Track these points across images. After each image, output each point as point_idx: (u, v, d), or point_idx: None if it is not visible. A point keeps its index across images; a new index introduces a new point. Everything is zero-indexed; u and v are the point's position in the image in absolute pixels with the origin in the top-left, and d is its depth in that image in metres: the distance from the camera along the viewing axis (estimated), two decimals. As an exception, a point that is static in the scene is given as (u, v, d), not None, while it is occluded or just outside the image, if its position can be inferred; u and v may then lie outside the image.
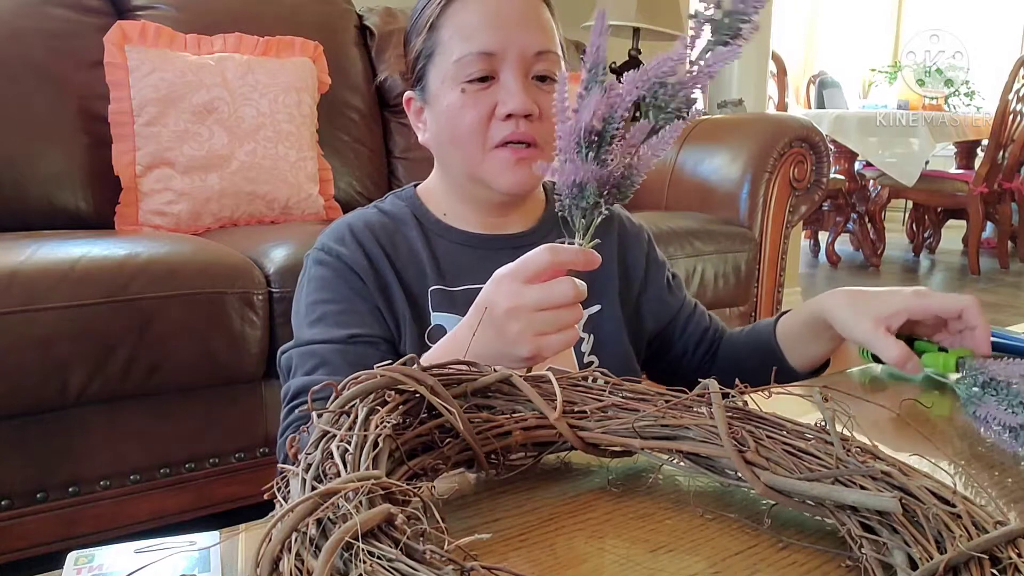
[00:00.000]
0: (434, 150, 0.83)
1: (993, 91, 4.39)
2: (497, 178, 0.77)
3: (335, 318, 0.77)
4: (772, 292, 2.10)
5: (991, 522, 0.39)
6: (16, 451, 1.14)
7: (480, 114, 0.76)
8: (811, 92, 5.37)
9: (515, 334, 0.58)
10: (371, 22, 2.10)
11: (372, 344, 0.76)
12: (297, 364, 0.76)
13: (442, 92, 0.77)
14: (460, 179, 0.82)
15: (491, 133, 0.76)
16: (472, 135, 0.76)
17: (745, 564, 0.43)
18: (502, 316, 0.58)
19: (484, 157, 0.77)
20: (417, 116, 0.83)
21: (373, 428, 0.41)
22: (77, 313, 1.11)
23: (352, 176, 1.97)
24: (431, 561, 0.31)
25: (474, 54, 0.75)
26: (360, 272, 0.78)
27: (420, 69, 0.80)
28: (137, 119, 1.59)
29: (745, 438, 0.47)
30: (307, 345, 0.76)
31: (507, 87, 0.75)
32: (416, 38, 0.80)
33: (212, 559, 0.43)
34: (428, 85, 0.79)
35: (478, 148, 0.77)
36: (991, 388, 0.68)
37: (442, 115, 0.78)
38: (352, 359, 0.74)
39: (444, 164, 0.83)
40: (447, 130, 0.78)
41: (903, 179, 4.16)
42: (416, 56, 0.80)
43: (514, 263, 0.59)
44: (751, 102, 2.77)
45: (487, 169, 0.77)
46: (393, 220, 0.83)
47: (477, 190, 0.81)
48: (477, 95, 0.76)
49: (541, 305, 0.58)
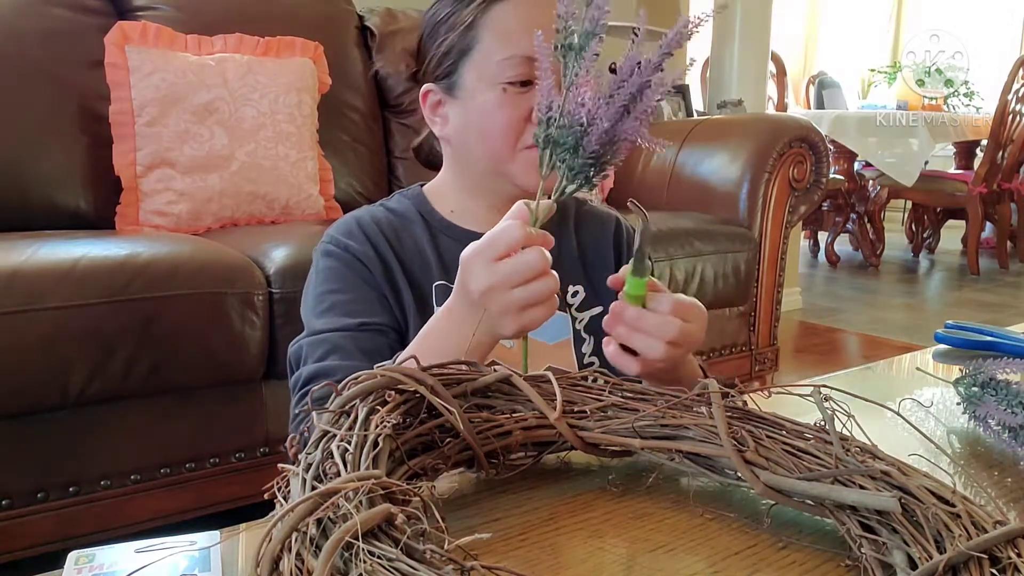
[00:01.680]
0: (453, 143, 0.84)
1: (993, 91, 4.39)
2: (523, 176, 0.80)
3: (345, 307, 0.78)
4: (772, 292, 2.10)
5: (990, 522, 0.39)
6: (16, 451, 1.14)
7: (519, 115, 0.78)
8: (811, 92, 5.37)
9: (496, 313, 0.60)
10: (371, 22, 2.10)
11: (382, 332, 0.78)
12: (307, 353, 0.77)
13: (479, 89, 0.79)
14: (479, 173, 0.83)
15: (525, 135, 0.79)
16: (506, 134, 0.78)
17: (745, 564, 0.43)
18: (480, 298, 0.60)
19: (514, 156, 0.79)
20: (434, 110, 0.84)
21: (373, 428, 0.41)
22: (78, 313, 1.11)
23: (352, 176, 1.97)
24: (431, 561, 0.32)
25: (520, 57, 0.77)
26: (368, 263, 0.80)
27: (451, 65, 0.81)
28: (138, 119, 1.59)
29: (745, 438, 0.47)
30: (318, 334, 0.77)
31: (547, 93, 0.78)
32: (448, 34, 0.81)
33: (212, 559, 0.43)
34: (460, 81, 0.80)
35: (509, 147, 0.79)
36: (990, 388, 0.68)
37: (474, 110, 0.80)
38: (364, 346, 0.75)
39: (462, 158, 0.84)
40: (477, 125, 0.80)
41: (902, 179, 4.16)
42: (446, 52, 0.81)
43: (482, 240, 0.60)
44: (751, 102, 2.76)
45: (515, 167, 0.79)
46: (399, 218, 0.85)
47: (494, 186, 0.83)
48: (517, 97, 0.78)
49: (515, 281, 0.59)
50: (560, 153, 0.60)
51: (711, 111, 2.84)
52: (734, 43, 2.79)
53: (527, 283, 0.59)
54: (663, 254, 1.81)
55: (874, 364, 0.90)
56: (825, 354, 2.83)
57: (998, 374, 0.69)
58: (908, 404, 0.73)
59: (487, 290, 0.59)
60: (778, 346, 2.16)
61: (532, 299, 0.60)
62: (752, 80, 2.81)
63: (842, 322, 3.25)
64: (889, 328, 3.18)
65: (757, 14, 2.81)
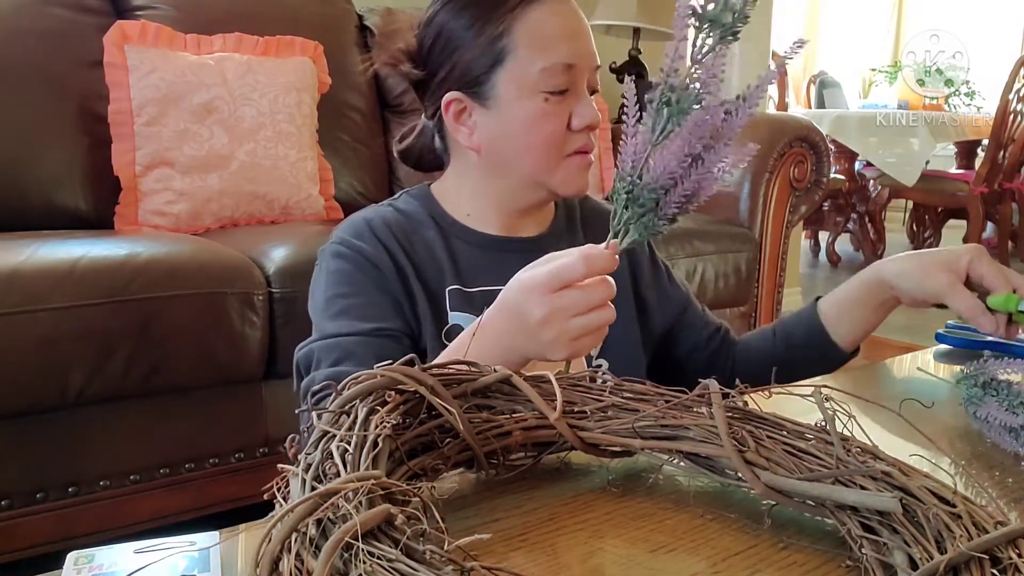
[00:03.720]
0: (484, 153, 0.81)
1: (993, 91, 4.38)
2: (567, 183, 0.80)
3: (358, 311, 0.77)
4: (772, 292, 2.10)
5: (991, 522, 0.39)
6: (16, 451, 1.14)
7: (562, 124, 0.78)
8: (811, 92, 5.37)
9: (550, 340, 0.59)
10: (371, 22, 2.10)
11: (395, 338, 0.76)
12: (320, 357, 0.75)
13: (518, 99, 0.78)
14: (515, 182, 0.82)
15: (568, 143, 0.79)
16: (552, 144, 0.78)
17: (745, 564, 0.43)
18: (537, 325, 0.59)
19: (559, 165, 0.79)
20: (457, 118, 0.81)
21: (373, 428, 0.41)
22: (77, 313, 1.11)
23: (352, 176, 1.97)
24: (431, 561, 0.31)
25: (561, 65, 0.76)
26: (382, 267, 0.78)
27: (482, 75, 0.79)
28: (137, 119, 1.59)
29: (745, 438, 0.47)
30: (331, 338, 0.75)
31: (585, 100, 0.79)
32: (476, 40, 0.78)
33: (212, 559, 0.43)
34: (493, 91, 0.78)
35: (555, 156, 0.79)
36: (991, 388, 0.68)
37: (515, 121, 0.78)
38: (378, 351, 0.73)
39: (495, 167, 0.82)
40: (520, 136, 0.79)
41: (903, 179, 4.15)
42: (473, 60, 0.79)
43: (546, 272, 0.59)
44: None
45: (559, 175, 0.80)
46: (409, 219, 0.83)
47: (530, 192, 0.82)
48: (558, 106, 0.77)
49: (578, 310, 0.59)
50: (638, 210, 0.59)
51: (711, 111, 2.84)
52: (734, 43, 2.79)
53: (588, 313, 0.59)
54: (663, 254, 1.81)
55: (875, 364, 0.90)
56: (825, 354, 2.82)
57: (999, 374, 0.69)
58: (908, 404, 0.72)
59: (546, 317, 0.59)
60: (778, 346, 2.16)
61: (588, 328, 0.60)
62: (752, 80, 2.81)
63: (842, 322, 3.24)
64: (889, 328, 3.16)
65: (757, 14, 2.81)
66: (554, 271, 0.59)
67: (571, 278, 0.58)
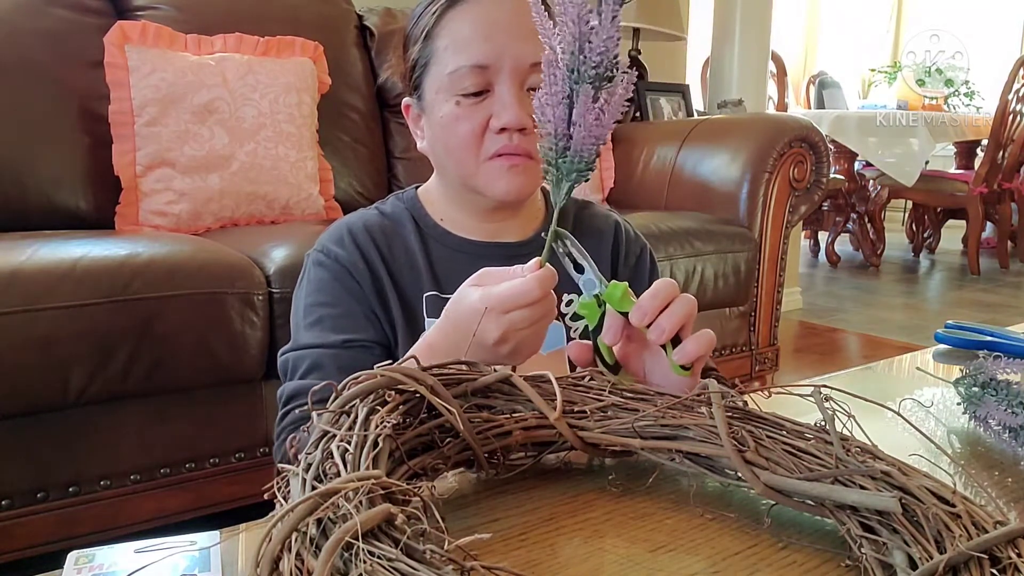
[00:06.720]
0: (431, 157, 0.83)
1: (993, 91, 4.39)
2: (491, 187, 0.78)
3: (331, 322, 0.77)
4: (772, 292, 2.10)
5: (991, 522, 0.39)
6: (16, 451, 1.14)
7: (474, 127, 0.76)
8: (811, 92, 5.37)
9: (507, 354, 0.60)
10: (371, 22, 2.10)
11: (367, 348, 0.77)
12: (293, 367, 0.77)
13: (437, 103, 0.78)
14: (456, 186, 0.82)
15: (485, 145, 0.76)
16: (466, 147, 0.77)
17: (745, 564, 0.43)
18: (494, 344, 0.60)
19: (478, 168, 0.77)
20: (415, 123, 0.83)
21: (373, 428, 0.41)
22: (77, 313, 1.11)
23: (352, 176, 1.97)
24: (431, 561, 0.31)
25: (467, 67, 0.75)
26: (356, 275, 0.79)
27: (417, 78, 0.80)
28: (137, 119, 1.59)
29: (745, 438, 0.47)
30: (303, 349, 0.77)
31: (501, 100, 0.75)
32: (413, 46, 0.80)
33: (212, 559, 0.43)
34: (424, 94, 0.80)
35: (472, 159, 0.77)
36: (991, 388, 0.68)
37: (437, 125, 0.78)
38: (345, 363, 0.75)
39: (440, 171, 0.84)
40: (442, 140, 0.79)
41: (903, 179, 4.16)
42: (413, 65, 0.80)
43: (500, 296, 0.59)
44: (751, 102, 2.76)
45: (481, 179, 0.78)
46: (392, 222, 0.84)
47: (472, 197, 0.81)
48: (471, 108, 0.76)
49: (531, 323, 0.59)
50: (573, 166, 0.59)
51: (711, 111, 2.84)
52: (734, 43, 2.79)
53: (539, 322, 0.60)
54: (663, 254, 1.81)
55: (874, 364, 0.90)
56: (825, 354, 2.83)
57: (998, 374, 0.69)
58: (908, 404, 0.73)
59: (502, 337, 0.59)
60: (778, 346, 2.16)
61: (540, 334, 0.61)
62: (752, 80, 2.81)
63: (842, 322, 3.25)
64: (889, 328, 3.18)
65: (757, 14, 2.81)
66: (509, 295, 0.58)
67: (527, 301, 0.58)
